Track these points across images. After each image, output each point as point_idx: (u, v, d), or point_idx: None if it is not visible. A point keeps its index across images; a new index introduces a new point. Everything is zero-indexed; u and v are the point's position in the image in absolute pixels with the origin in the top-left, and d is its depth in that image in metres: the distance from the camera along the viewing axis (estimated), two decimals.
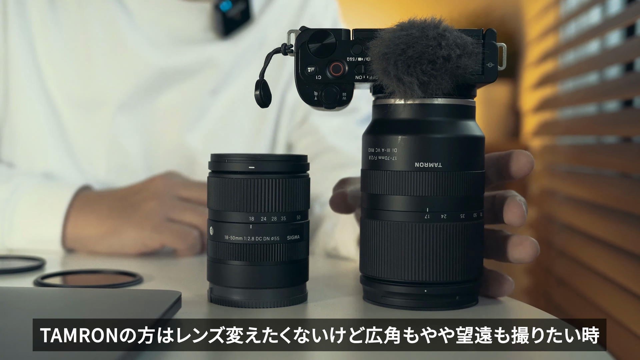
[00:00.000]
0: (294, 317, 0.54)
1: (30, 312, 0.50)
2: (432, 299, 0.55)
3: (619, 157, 1.21)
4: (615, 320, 1.11)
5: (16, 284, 0.65)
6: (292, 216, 0.56)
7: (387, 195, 0.55)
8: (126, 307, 0.51)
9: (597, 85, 1.48)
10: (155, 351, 0.45)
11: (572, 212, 1.46)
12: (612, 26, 1.32)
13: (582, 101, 1.49)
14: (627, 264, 1.09)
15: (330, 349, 0.48)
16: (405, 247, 0.54)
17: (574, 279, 1.40)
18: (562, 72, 1.71)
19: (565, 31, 1.87)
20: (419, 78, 0.52)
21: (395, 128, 0.55)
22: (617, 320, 1.09)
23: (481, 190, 0.56)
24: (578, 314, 1.34)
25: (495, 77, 0.55)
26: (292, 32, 0.57)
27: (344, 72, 0.56)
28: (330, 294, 0.61)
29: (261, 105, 0.58)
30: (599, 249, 1.25)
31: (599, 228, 1.25)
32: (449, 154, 0.54)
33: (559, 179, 1.65)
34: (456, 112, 0.55)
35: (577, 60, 1.66)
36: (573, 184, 1.49)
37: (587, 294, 1.28)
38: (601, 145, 1.42)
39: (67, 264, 0.76)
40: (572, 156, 1.58)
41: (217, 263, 0.57)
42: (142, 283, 0.65)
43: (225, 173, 0.56)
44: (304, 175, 0.58)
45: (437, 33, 0.52)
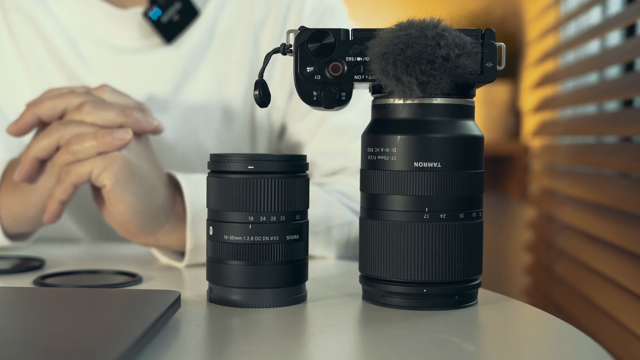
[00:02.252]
0: (293, 317, 0.54)
1: (30, 312, 0.50)
2: (432, 298, 0.55)
3: (619, 157, 1.21)
4: (615, 320, 1.11)
5: (16, 284, 0.65)
6: (291, 216, 0.56)
7: (386, 195, 0.55)
8: (126, 307, 0.51)
9: (597, 85, 1.47)
10: (155, 351, 0.45)
11: (572, 212, 1.46)
12: (612, 26, 1.32)
13: (582, 101, 1.49)
14: (627, 264, 1.09)
15: (330, 349, 0.48)
16: (405, 246, 0.54)
17: (574, 279, 1.40)
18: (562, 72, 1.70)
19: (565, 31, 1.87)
20: (418, 78, 0.52)
21: (394, 128, 0.55)
22: (617, 320, 1.09)
23: (480, 190, 0.56)
24: (578, 314, 1.34)
25: (494, 76, 0.55)
26: (291, 32, 0.57)
27: (343, 71, 0.56)
28: (330, 294, 0.61)
29: (260, 105, 0.58)
30: (599, 249, 1.25)
31: (599, 228, 1.25)
32: (448, 153, 0.54)
33: (559, 179, 1.65)
34: (455, 111, 0.55)
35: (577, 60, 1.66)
36: (573, 184, 1.49)
37: (587, 294, 1.28)
38: (601, 145, 1.42)
39: (67, 264, 0.76)
40: (572, 156, 1.57)
41: (216, 263, 0.57)
42: (142, 283, 0.65)
43: (225, 173, 0.56)
44: (304, 175, 0.58)
45: (436, 33, 0.52)
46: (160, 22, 0.90)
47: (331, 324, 0.53)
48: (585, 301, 1.32)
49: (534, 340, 0.50)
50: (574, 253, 1.41)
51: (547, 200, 1.74)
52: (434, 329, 0.51)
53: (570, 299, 1.44)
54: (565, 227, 1.52)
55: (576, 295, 1.39)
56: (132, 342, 0.41)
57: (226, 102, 0.95)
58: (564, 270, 1.50)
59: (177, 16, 0.91)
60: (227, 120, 0.96)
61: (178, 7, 0.90)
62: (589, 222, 1.32)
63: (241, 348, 0.47)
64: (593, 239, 1.31)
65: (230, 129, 0.96)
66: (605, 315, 1.18)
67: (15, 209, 0.77)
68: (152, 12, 0.90)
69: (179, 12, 0.91)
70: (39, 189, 0.74)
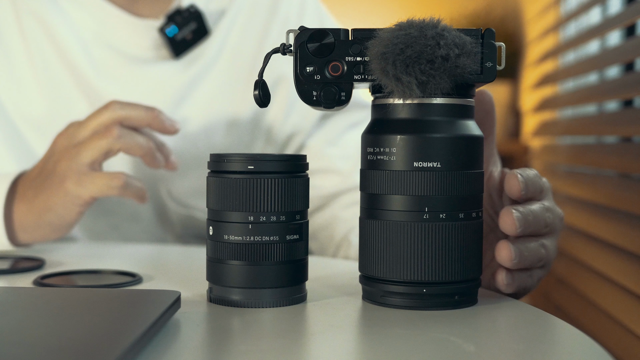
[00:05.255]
0: (293, 317, 0.54)
1: (30, 312, 0.50)
2: (431, 298, 0.55)
3: (619, 157, 1.21)
4: (615, 320, 1.11)
5: (16, 284, 0.65)
6: (291, 216, 0.56)
7: (386, 195, 0.55)
8: (125, 307, 0.51)
9: (597, 85, 1.47)
10: (155, 351, 0.45)
11: (572, 212, 1.46)
12: (612, 26, 1.32)
13: (582, 101, 1.49)
14: (627, 264, 1.09)
15: (330, 349, 0.48)
16: (404, 246, 0.54)
17: (574, 279, 1.40)
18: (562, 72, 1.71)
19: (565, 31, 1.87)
20: (418, 78, 0.52)
21: (394, 128, 0.55)
22: (617, 320, 1.09)
23: (480, 190, 0.56)
24: (578, 314, 1.34)
25: (494, 76, 0.55)
26: (290, 32, 0.57)
27: (342, 71, 0.56)
28: (330, 294, 0.61)
29: (260, 105, 0.59)
30: (599, 249, 1.25)
31: (599, 228, 1.25)
32: (448, 153, 0.54)
33: (559, 179, 1.65)
34: (455, 111, 0.55)
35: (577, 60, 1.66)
36: (573, 184, 1.49)
37: (587, 294, 1.28)
38: (601, 145, 1.42)
39: (66, 264, 0.76)
40: (572, 156, 1.58)
41: (216, 263, 0.57)
42: (142, 283, 0.65)
43: (225, 173, 0.56)
44: (304, 175, 0.58)
45: (435, 33, 0.52)
46: (174, 39, 0.92)
47: (331, 324, 0.53)
48: (585, 301, 1.32)
49: (534, 340, 0.50)
50: (573, 253, 1.41)
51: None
52: (434, 329, 0.51)
53: (570, 299, 1.44)
54: (565, 227, 1.52)
55: (576, 295, 1.39)
56: (132, 342, 0.41)
57: (232, 116, 0.96)
58: (564, 270, 1.50)
59: (190, 35, 0.92)
60: (230, 135, 0.96)
61: (193, 27, 0.92)
62: (589, 222, 1.32)
63: (241, 348, 0.47)
64: (593, 239, 1.31)
65: (234, 142, 0.97)
66: (605, 315, 1.18)
67: (27, 223, 0.78)
68: (168, 29, 0.91)
69: (192, 32, 0.92)
70: (57, 208, 0.76)
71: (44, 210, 0.76)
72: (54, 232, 0.79)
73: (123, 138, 0.75)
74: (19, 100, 0.92)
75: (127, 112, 0.75)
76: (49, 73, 0.91)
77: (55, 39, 0.91)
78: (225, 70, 0.96)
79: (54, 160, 0.77)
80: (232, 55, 0.96)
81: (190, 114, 0.94)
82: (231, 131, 0.96)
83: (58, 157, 0.76)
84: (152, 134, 0.80)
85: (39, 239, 0.80)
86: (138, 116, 0.76)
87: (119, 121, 0.75)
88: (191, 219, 0.97)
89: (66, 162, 0.75)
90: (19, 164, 0.90)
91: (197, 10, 0.92)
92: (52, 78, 0.91)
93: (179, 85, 0.94)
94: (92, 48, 0.92)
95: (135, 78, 0.93)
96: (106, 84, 0.91)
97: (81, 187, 0.74)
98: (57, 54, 0.91)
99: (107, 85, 0.91)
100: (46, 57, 0.91)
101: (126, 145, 0.75)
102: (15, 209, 0.78)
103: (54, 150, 0.78)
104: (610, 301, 1.15)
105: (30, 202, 0.77)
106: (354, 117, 0.98)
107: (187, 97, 0.94)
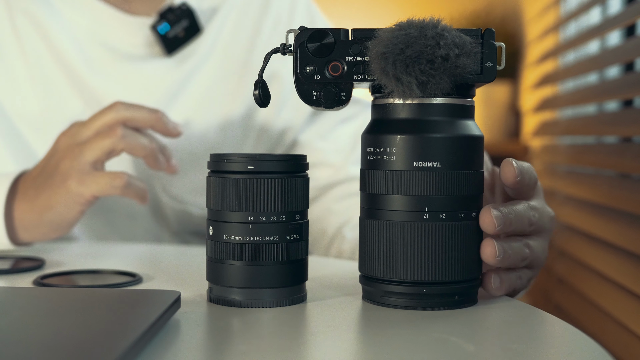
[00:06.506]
0: (293, 317, 0.54)
1: (30, 312, 0.50)
2: (431, 298, 0.55)
3: (619, 157, 1.21)
4: (615, 320, 1.11)
5: (16, 283, 0.65)
6: (291, 216, 0.56)
7: (386, 195, 0.55)
8: (125, 307, 0.51)
9: (597, 85, 1.47)
10: (155, 351, 0.45)
11: (572, 212, 1.46)
12: (612, 26, 1.32)
13: (582, 101, 1.49)
14: (627, 264, 1.09)
15: (330, 349, 0.48)
16: (404, 246, 0.54)
17: (574, 279, 1.40)
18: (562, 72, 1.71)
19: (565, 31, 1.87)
20: (418, 78, 0.52)
21: (394, 128, 0.55)
22: (617, 320, 1.09)
23: (480, 189, 0.56)
24: (578, 314, 1.34)
25: (494, 76, 0.55)
26: (290, 31, 0.57)
27: (342, 71, 0.56)
28: (330, 294, 0.61)
29: (260, 105, 0.59)
30: (599, 249, 1.25)
31: (599, 228, 1.25)
32: (448, 153, 0.54)
33: (559, 179, 1.65)
34: (455, 111, 0.55)
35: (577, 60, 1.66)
36: (573, 184, 1.49)
37: (587, 294, 1.28)
38: (601, 145, 1.42)
39: (66, 264, 0.76)
40: (572, 156, 1.58)
41: (216, 263, 0.57)
42: (142, 283, 0.65)
43: (224, 173, 0.56)
44: (304, 175, 0.58)
45: (435, 33, 0.52)
46: (166, 36, 0.92)
47: (331, 324, 0.53)
48: (585, 301, 1.32)
49: (533, 340, 0.50)
50: (574, 253, 1.41)
51: (547, 200, 1.74)
52: (434, 329, 0.51)
53: (570, 299, 1.44)
54: (565, 227, 1.52)
55: (576, 295, 1.39)
56: (132, 342, 0.41)
57: (224, 113, 0.96)
58: (564, 270, 1.50)
59: (182, 32, 0.93)
60: (224, 131, 0.97)
61: (185, 24, 0.93)
62: (589, 222, 1.32)
63: (241, 348, 0.47)
64: (593, 239, 1.31)
65: (227, 139, 0.97)
66: (605, 315, 1.18)
67: (28, 222, 0.79)
68: (160, 26, 0.92)
69: (185, 29, 0.93)
70: (59, 206, 0.76)
71: (45, 208, 0.77)
72: (54, 230, 0.79)
73: (126, 138, 0.75)
74: (15, 99, 0.92)
75: (131, 113, 0.76)
76: (42, 71, 0.92)
77: (49, 37, 0.91)
78: (217, 68, 0.96)
79: (56, 159, 0.77)
80: (224, 52, 0.97)
81: (182, 111, 0.94)
82: (223, 127, 0.96)
83: (61, 156, 0.77)
84: (154, 136, 0.80)
85: (40, 238, 0.80)
86: (142, 117, 0.76)
87: (123, 122, 0.76)
88: (186, 214, 0.97)
89: (69, 161, 0.76)
90: (17, 162, 0.90)
91: (189, 7, 0.93)
92: (45, 76, 0.92)
93: (171, 82, 0.94)
94: (85, 46, 0.92)
95: (128, 75, 0.93)
96: (99, 81, 0.92)
97: (83, 185, 0.75)
98: (51, 52, 0.91)
99: (101, 83, 0.91)
100: (40, 55, 0.92)
101: (129, 145, 0.75)
102: (16, 208, 0.79)
103: (56, 149, 0.78)
104: (610, 301, 1.15)
105: (32, 201, 0.77)
106: (346, 112, 0.98)
107: (180, 94, 0.94)
